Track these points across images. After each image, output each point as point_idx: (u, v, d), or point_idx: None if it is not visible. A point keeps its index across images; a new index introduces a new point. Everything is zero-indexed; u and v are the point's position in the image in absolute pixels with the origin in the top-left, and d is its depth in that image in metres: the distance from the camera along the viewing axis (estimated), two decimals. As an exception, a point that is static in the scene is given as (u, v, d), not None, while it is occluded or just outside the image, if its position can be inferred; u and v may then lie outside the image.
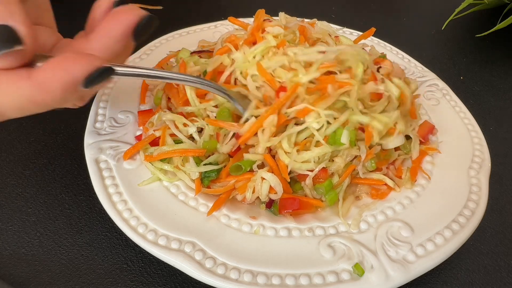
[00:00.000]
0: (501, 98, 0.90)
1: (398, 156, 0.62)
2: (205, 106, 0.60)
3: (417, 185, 0.60)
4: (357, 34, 0.91)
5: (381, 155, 0.59)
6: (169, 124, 0.60)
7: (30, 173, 0.65)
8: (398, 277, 0.48)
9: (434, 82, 0.79)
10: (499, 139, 0.79)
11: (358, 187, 0.60)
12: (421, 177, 0.61)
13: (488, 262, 0.59)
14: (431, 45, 1.07)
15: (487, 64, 1.01)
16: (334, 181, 0.56)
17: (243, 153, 0.56)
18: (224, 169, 0.57)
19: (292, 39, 0.62)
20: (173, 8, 1.11)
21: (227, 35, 0.66)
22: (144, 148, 0.60)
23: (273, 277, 0.48)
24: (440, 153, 0.64)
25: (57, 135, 0.71)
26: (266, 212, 0.56)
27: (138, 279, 0.53)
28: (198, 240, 0.51)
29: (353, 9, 1.21)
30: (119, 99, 0.69)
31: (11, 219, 0.58)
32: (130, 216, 0.52)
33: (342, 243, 0.52)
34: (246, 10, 1.00)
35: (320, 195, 0.57)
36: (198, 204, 0.55)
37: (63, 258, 0.54)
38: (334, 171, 0.57)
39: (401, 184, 0.60)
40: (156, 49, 0.81)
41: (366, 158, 0.57)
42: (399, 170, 0.61)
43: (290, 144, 0.55)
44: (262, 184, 0.55)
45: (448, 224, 0.54)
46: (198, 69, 0.66)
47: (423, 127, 0.66)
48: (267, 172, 0.55)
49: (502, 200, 0.68)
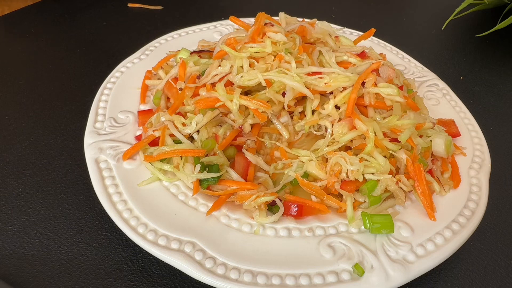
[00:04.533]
0: (501, 98, 0.90)
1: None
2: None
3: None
4: (357, 34, 0.91)
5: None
6: (168, 124, 0.60)
7: (30, 173, 0.65)
8: (398, 277, 0.48)
9: (434, 82, 0.79)
10: (499, 139, 0.79)
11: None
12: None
13: (488, 262, 0.59)
14: (431, 45, 1.07)
15: (487, 64, 1.01)
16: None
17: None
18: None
19: (292, 47, 0.62)
20: (173, 8, 1.11)
21: (227, 37, 0.67)
22: (144, 148, 0.60)
23: (273, 277, 0.48)
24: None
25: (57, 135, 0.71)
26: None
27: (138, 279, 0.53)
28: (198, 240, 0.51)
29: (353, 9, 1.21)
30: (119, 99, 0.69)
31: (11, 219, 0.58)
32: (130, 216, 0.52)
33: (342, 243, 0.52)
34: (246, 10, 1.00)
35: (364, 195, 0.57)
36: (198, 204, 0.55)
37: (63, 258, 0.54)
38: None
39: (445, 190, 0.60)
40: (156, 49, 0.81)
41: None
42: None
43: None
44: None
45: (448, 224, 0.54)
46: (198, 69, 0.66)
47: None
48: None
49: (502, 200, 0.68)
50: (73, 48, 0.93)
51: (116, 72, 0.74)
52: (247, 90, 0.62)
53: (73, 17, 1.04)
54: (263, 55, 0.61)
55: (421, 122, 0.62)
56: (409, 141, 0.59)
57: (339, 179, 0.56)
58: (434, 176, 0.60)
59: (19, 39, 0.94)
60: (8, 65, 0.86)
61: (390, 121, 0.59)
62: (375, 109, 0.61)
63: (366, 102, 0.60)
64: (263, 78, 0.59)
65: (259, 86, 0.60)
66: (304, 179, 0.56)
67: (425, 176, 0.57)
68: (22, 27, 0.98)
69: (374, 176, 0.56)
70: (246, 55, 0.61)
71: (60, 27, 1.00)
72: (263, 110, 0.58)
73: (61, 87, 0.82)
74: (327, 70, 0.60)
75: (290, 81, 0.58)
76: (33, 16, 1.02)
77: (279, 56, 0.60)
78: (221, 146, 0.58)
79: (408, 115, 0.60)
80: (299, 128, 0.61)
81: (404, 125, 0.58)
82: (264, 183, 0.58)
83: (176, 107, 0.62)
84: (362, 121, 0.57)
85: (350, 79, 0.59)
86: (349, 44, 0.73)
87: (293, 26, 0.67)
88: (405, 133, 0.58)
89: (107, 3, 1.11)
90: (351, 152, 0.57)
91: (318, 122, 0.60)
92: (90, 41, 0.96)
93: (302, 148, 0.60)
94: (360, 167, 0.55)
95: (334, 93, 0.60)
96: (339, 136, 0.57)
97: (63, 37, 0.96)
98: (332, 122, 0.59)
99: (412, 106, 0.63)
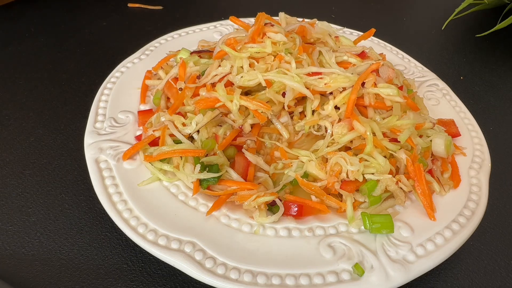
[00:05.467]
0: (501, 98, 0.90)
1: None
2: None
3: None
4: (357, 34, 0.91)
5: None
6: (168, 124, 0.60)
7: (30, 173, 0.65)
8: (398, 277, 0.48)
9: (434, 82, 0.79)
10: (499, 139, 0.79)
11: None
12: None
13: (488, 262, 0.59)
14: (431, 45, 1.07)
15: (487, 64, 1.01)
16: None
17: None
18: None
19: (292, 47, 0.62)
20: (173, 8, 1.11)
21: (227, 37, 0.67)
22: (144, 148, 0.60)
23: (273, 277, 0.48)
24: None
25: (57, 135, 0.71)
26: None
27: (138, 279, 0.53)
28: (198, 240, 0.51)
29: (353, 9, 1.21)
30: (119, 99, 0.69)
31: (11, 219, 0.58)
32: (130, 216, 0.52)
33: (342, 243, 0.52)
34: (246, 10, 1.00)
35: (364, 195, 0.57)
36: (198, 204, 0.55)
37: (63, 258, 0.54)
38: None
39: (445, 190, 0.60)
40: (156, 49, 0.81)
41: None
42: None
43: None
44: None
45: (448, 224, 0.54)
46: (198, 69, 0.66)
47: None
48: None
49: (502, 200, 0.68)
50: (73, 48, 0.93)
51: (116, 72, 0.74)
52: (247, 90, 0.62)
53: (73, 17, 1.04)
54: (263, 55, 0.61)
55: (421, 122, 0.62)
56: (409, 141, 0.59)
57: (339, 179, 0.56)
58: (434, 176, 0.60)
59: (19, 39, 0.94)
60: (8, 65, 0.86)
61: (390, 121, 0.59)
62: (374, 110, 0.61)
63: (366, 103, 0.60)
64: (263, 79, 0.59)
65: (259, 86, 0.60)
66: (304, 179, 0.56)
67: (425, 176, 0.57)
68: (22, 27, 0.98)
69: (374, 176, 0.56)
70: (246, 55, 0.61)
71: (60, 27, 1.00)
72: (263, 111, 0.58)
73: (61, 87, 0.82)
74: (327, 70, 0.60)
75: (290, 82, 0.58)
76: (32, 15, 1.02)
77: (279, 56, 0.60)
78: (221, 146, 0.58)
79: (407, 115, 0.60)
80: (299, 128, 0.61)
81: (404, 125, 0.59)
82: (264, 183, 0.58)
83: (176, 107, 0.62)
84: (360, 122, 0.57)
85: (350, 80, 0.59)
86: (349, 44, 0.73)
87: (293, 26, 0.67)
88: (405, 133, 0.58)
89: (107, 3, 1.11)
90: (351, 152, 0.57)
91: (318, 122, 0.60)
92: (90, 41, 0.96)
93: (302, 148, 0.60)
94: (360, 167, 0.55)
95: (334, 93, 0.60)
96: (339, 137, 0.57)
97: (63, 37, 0.96)
98: (332, 122, 0.59)
99: (412, 106, 0.63)
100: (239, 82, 0.59)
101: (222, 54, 0.64)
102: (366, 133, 0.56)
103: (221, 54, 0.64)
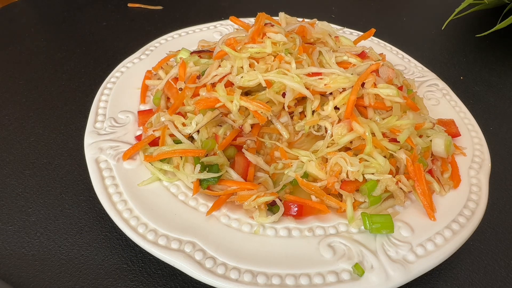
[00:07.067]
0: (501, 98, 0.90)
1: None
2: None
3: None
4: (357, 34, 0.91)
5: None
6: (168, 124, 0.60)
7: (30, 173, 0.65)
8: (398, 277, 0.48)
9: (434, 82, 0.79)
10: (499, 139, 0.79)
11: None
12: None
13: (488, 262, 0.59)
14: (431, 45, 1.07)
15: (487, 64, 1.01)
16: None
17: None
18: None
19: (292, 48, 0.62)
20: (173, 8, 1.11)
21: (227, 37, 0.67)
22: (144, 148, 0.60)
23: (273, 277, 0.48)
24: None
25: (57, 135, 0.71)
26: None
27: (138, 279, 0.53)
28: (198, 240, 0.51)
29: (353, 9, 1.21)
30: (119, 99, 0.69)
31: (11, 219, 0.58)
32: (130, 216, 0.52)
33: (342, 243, 0.52)
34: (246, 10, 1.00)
35: (364, 195, 0.57)
36: (198, 204, 0.55)
37: (63, 258, 0.54)
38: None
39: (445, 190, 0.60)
40: (156, 49, 0.81)
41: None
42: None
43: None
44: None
45: (448, 224, 0.54)
46: (198, 69, 0.66)
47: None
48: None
49: (502, 200, 0.68)
50: (73, 48, 0.93)
51: (116, 72, 0.74)
52: (247, 91, 0.62)
53: (73, 17, 1.04)
54: (263, 56, 0.61)
55: (420, 122, 0.62)
56: (409, 141, 0.59)
57: (339, 179, 0.56)
58: (434, 176, 0.60)
59: (19, 39, 0.94)
60: (8, 65, 0.86)
61: (389, 122, 0.59)
62: (374, 110, 0.61)
63: (366, 103, 0.60)
64: (263, 79, 0.59)
65: (259, 86, 0.60)
66: (304, 179, 0.56)
67: (425, 176, 0.57)
68: (22, 27, 0.98)
69: (374, 176, 0.56)
70: (246, 56, 0.61)
71: (60, 27, 1.00)
72: (263, 112, 0.58)
73: (61, 87, 0.82)
74: (327, 71, 0.60)
75: (290, 82, 0.58)
76: (33, 15, 1.02)
77: (279, 56, 0.60)
78: (221, 146, 0.58)
79: (407, 115, 0.60)
80: (299, 128, 0.61)
81: (403, 125, 0.59)
82: (264, 183, 0.58)
83: (176, 107, 0.62)
84: (359, 123, 0.57)
85: (350, 80, 0.59)
86: (349, 44, 0.73)
87: (293, 26, 0.67)
88: (404, 133, 0.58)
89: (107, 3, 1.11)
90: (351, 153, 0.57)
91: (318, 122, 0.60)
92: (90, 41, 0.96)
93: (302, 149, 0.60)
94: (360, 168, 0.55)
95: (333, 94, 0.60)
96: (338, 138, 0.58)
97: (63, 37, 0.96)
98: (332, 123, 0.59)
99: (411, 106, 0.63)
100: (239, 82, 0.59)
101: (222, 54, 0.64)
102: (365, 134, 0.56)
103: (221, 54, 0.64)
